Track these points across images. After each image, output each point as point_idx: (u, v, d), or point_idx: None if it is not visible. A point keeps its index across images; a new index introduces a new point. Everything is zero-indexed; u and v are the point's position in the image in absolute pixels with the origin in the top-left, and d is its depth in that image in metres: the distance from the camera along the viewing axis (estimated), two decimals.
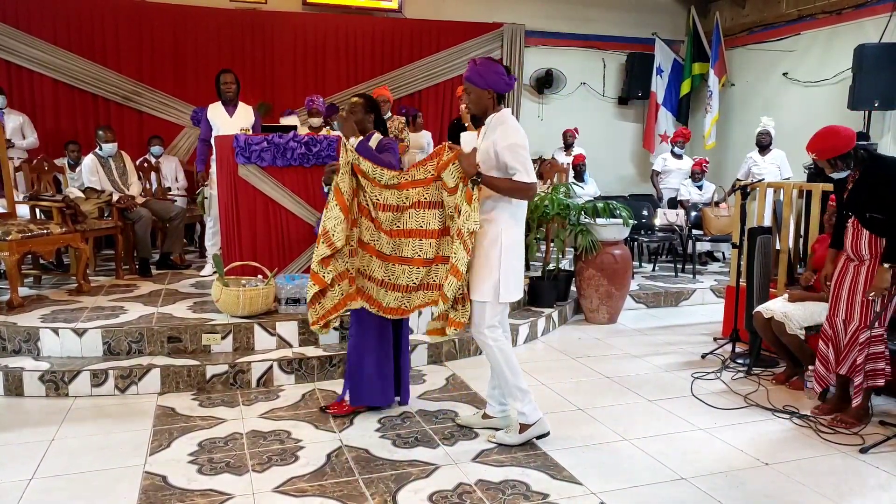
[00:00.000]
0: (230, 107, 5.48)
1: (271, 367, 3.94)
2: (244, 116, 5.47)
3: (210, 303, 4.43)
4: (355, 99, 3.49)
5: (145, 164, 6.83)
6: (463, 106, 6.28)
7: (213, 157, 5.34)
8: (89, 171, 5.78)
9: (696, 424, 3.42)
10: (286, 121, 7.00)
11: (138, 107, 7.66)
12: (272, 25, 8.02)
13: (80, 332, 3.97)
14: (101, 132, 5.90)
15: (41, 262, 5.62)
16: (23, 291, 4.67)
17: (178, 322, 4.15)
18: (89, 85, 7.48)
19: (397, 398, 3.58)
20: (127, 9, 7.53)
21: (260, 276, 4.37)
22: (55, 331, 3.97)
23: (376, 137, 3.46)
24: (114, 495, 2.66)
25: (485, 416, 3.34)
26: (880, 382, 3.37)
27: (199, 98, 7.23)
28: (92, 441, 3.16)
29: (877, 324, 3.32)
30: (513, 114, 3.12)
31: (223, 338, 4.08)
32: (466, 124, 6.14)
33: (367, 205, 3.24)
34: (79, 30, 7.40)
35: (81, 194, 5.65)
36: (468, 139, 3.00)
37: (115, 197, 5.71)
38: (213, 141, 5.32)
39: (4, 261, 4.39)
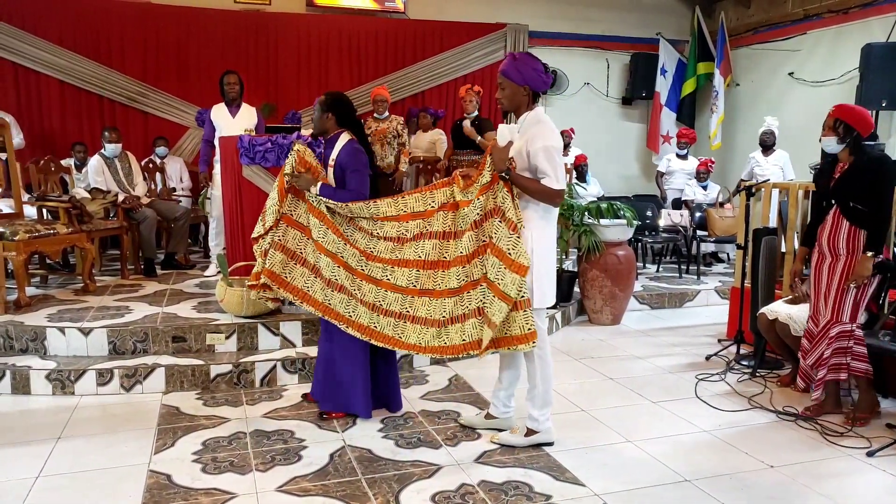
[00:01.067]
0: (233, 108, 5.49)
1: (275, 366, 3.95)
2: (247, 117, 5.49)
3: (214, 303, 4.45)
4: (320, 97, 3.35)
5: (150, 165, 6.86)
6: (471, 102, 6.28)
7: (217, 157, 5.37)
8: (95, 172, 5.81)
9: (700, 426, 3.42)
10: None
11: (143, 108, 7.69)
12: (276, 27, 8.04)
13: (85, 332, 3.99)
14: (105, 133, 5.93)
15: (48, 261, 5.65)
16: (30, 291, 4.70)
17: (183, 322, 4.16)
18: (95, 86, 7.51)
19: (381, 408, 3.50)
20: (132, 10, 7.55)
21: None
22: (61, 330, 4.00)
23: (344, 139, 3.28)
24: (119, 493, 2.68)
25: (488, 417, 3.34)
26: (843, 376, 3.44)
27: (203, 99, 7.25)
28: (97, 440, 3.18)
29: (846, 318, 3.39)
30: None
31: (227, 337, 4.10)
32: (465, 125, 6.13)
33: (348, 232, 3.20)
34: (85, 32, 7.43)
35: (87, 195, 5.68)
36: (505, 132, 2.88)
37: (121, 197, 5.74)
38: (216, 142, 5.35)
39: (12, 260, 4.42)
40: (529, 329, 2.87)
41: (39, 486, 2.74)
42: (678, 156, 7.86)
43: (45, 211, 5.62)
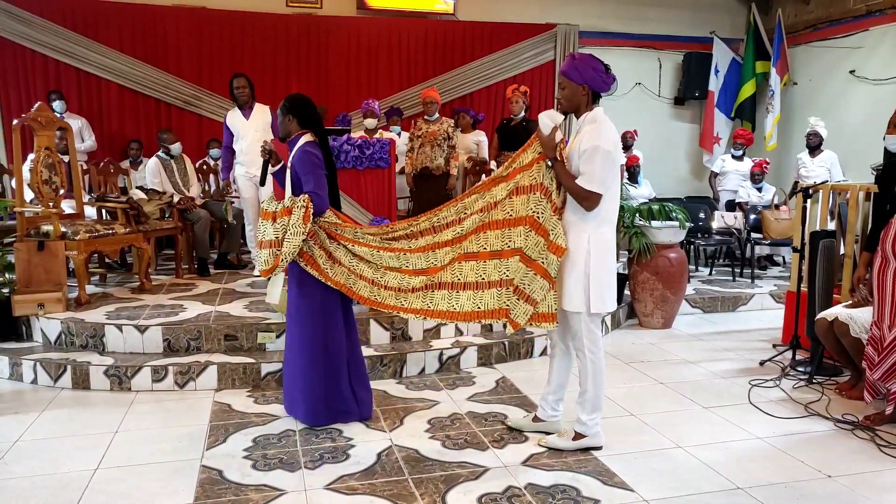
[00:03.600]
0: (246, 110, 5.42)
1: None
2: (260, 117, 5.41)
3: (265, 302, 4.53)
4: (284, 101, 3.31)
5: (204, 167, 7.04)
6: (517, 103, 6.25)
7: (236, 162, 5.45)
8: (152, 174, 6.00)
9: (754, 433, 3.31)
10: (389, 134, 6.85)
11: (198, 110, 7.90)
12: (327, 29, 8.16)
13: (141, 329, 4.12)
14: (165, 135, 6.13)
15: (106, 260, 5.87)
16: (89, 289, 4.88)
17: (235, 321, 4.25)
18: (151, 90, 7.76)
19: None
20: (188, 16, 7.78)
21: None
22: (119, 327, 4.14)
23: (302, 140, 3.23)
24: (172, 487, 2.75)
25: (535, 420, 3.30)
26: None
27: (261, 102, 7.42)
28: (152, 434, 3.27)
29: None
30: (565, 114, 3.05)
31: (278, 336, 4.16)
32: (513, 123, 6.08)
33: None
34: (143, 37, 7.69)
35: (144, 196, 5.86)
36: (546, 120, 2.85)
37: (176, 198, 5.91)
38: (235, 147, 5.42)
39: (73, 259, 4.59)
40: (555, 309, 2.92)
41: (98, 478, 2.83)
42: (734, 156, 7.66)
43: (104, 211, 5.84)
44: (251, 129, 5.34)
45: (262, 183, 3.54)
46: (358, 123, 7.55)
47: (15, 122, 4.74)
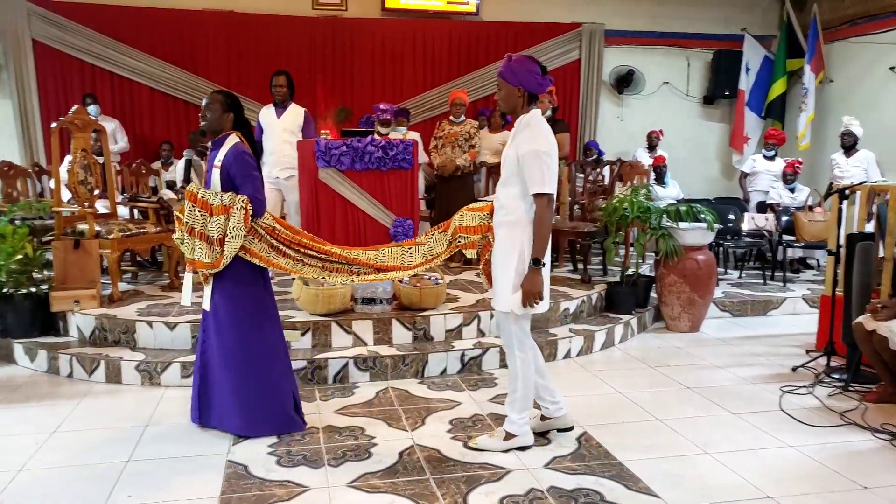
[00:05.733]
0: (280, 108, 5.34)
1: (347, 364, 4.02)
2: (291, 118, 5.32)
3: (291, 300, 4.58)
4: (215, 94, 3.20)
5: None
6: (543, 103, 6.21)
7: (263, 160, 5.30)
8: (182, 174, 6.10)
9: (785, 441, 3.24)
10: (395, 134, 6.85)
11: None
12: (352, 31, 8.22)
13: (171, 326, 4.19)
14: (195, 137, 6.23)
15: (138, 259, 5.98)
16: (122, 286, 4.97)
17: None
18: (182, 92, 7.90)
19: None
20: (217, 20, 7.91)
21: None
22: (149, 324, 4.22)
23: (231, 140, 3.12)
24: (199, 481, 2.80)
25: (543, 419, 3.28)
26: None
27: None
28: (181, 429, 3.33)
29: None
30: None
31: (303, 334, 4.20)
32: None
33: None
34: (173, 41, 7.83)
35: (175, 196, 5.97)
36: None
37: None
38: (263, 145, 5.33)
39: (107, 257, 4.70)
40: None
41: (129, 470, 2.89)
42: (765, 157, 7.52)
43: (136, 211, 5.96)
44: (279, 128, 5.30)
45: (187, 181, 3.37)
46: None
47: (53, 124, 4.86)
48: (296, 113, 5.34)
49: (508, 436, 3.07)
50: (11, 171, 6.04)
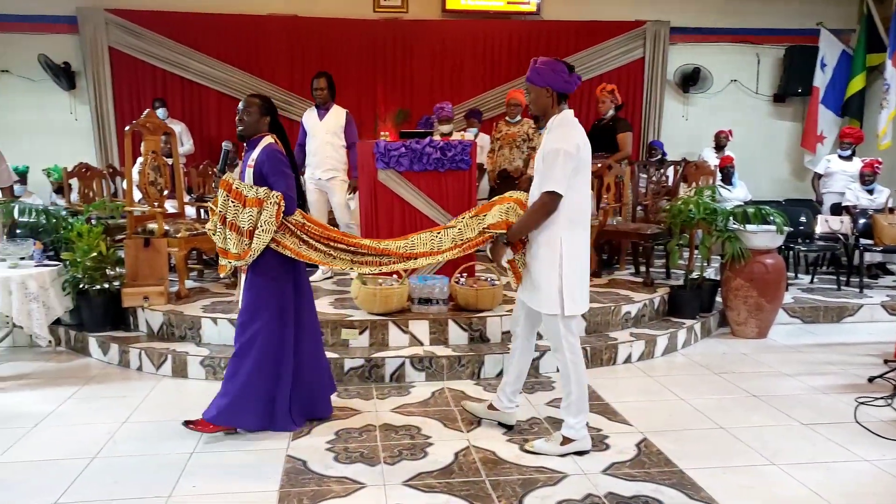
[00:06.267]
0: (322, 110, 5.38)
1: (403, 363, 4.05)
2: (333, 119, 5.35)
3: (349, 299, 4.64)
4: (251, 98, 3.26)
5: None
6: (605, 102, 6.14)
7: (306, 162, 5.43)
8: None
9: (860, 455, 3.07)
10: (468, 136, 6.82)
11: (289, 115, 8.20)
12: (412, 33, 8.29)
13: (234, 323, 4.30)
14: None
15: (204, 257, 6.18)
16: (188, 284, 5.16)
17: (321, 316, 4.35)
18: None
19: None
20: (282, 24, 8.11)
21: (395, 276, 4.50)
22: (214, 320, 4.35)
23: (266, 141, 3.18)
24: (260, 474, 2.86)
25: (490, 408, 3.30)
26: None
27: (342, 106, 7.60)
28: None
29: None
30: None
31: (360, 333, 4.25)
32: (602, 124, 5.93)
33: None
34: (238, 45, 8.09)
35: None
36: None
37: None
38: (307, 146, 5.41)
39: (174, 255, 4.88)
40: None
41: (194, 462, 2.99)
42: (840, 156, 7.17)
43: (202, 211, 6.15)
44: (322, 130, 5.34)
45: (223, 171, 3.32)
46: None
47: (126, 128, 5.08)
48: (338, 114, 5.39)
49: (566, 440, 3.03)
50: (88, 173, 6.34)
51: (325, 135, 5.34)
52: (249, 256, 3.10)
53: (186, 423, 3.23)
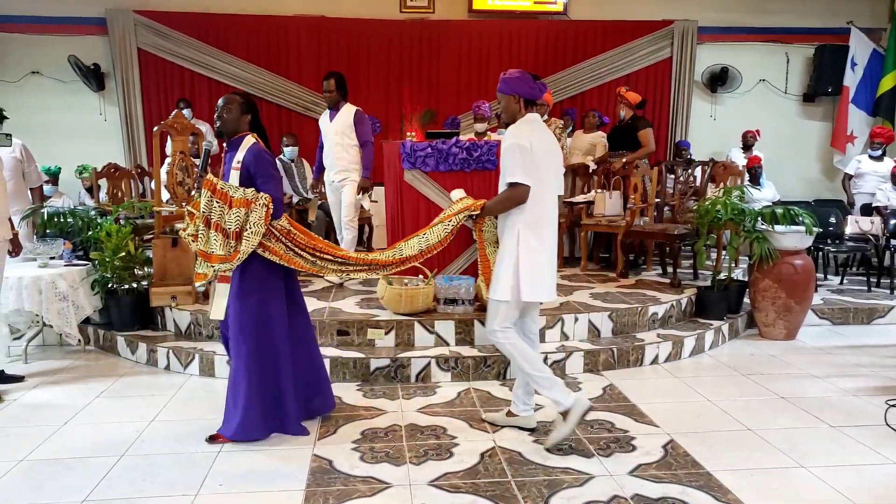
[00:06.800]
0: (332, 111, 5.32)
1: (429, 363, 4.06)
2: (343, 119, 5.26)
3: (375, 299, 4.67)
4: (232, 95, 3.22)
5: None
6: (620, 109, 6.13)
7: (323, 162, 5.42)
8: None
9: (891, 458, 3.02)
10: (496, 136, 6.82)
11: (315, 115, 8.24)
12: (439, 33, 8.30)
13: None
14: (284, 138, 6.49)
15: None
16: None
17: (347, 316, 4.41)
18: (274, 96, 8.22)
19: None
20: (309, 25, 8.17)
21: (421, 276, 4.52)
22: None
23: (249, 141, 3.12)
24: (286, 473, 2.89)
25: (509, 415, 3.35)
26: None
27: (369, 106, 7.64)
28: None
29: None
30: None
31: (386, 333, 4.28)
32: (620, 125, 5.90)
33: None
34: (266, 47, 8.17)
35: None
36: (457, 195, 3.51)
37: (295, 199, 6.20)
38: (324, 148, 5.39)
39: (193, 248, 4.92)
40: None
41: (221, 461, 3.03)
42: (871, 157, 7.05)
43: None
44: (332, 132, 5.30)
45: (205, 171, 3.22)
46: (467, 126, 7.60)
47: (154, 128, 5.16)
48: (346, 113, 5.29)
49: (564, 414, 3.03)
50: (117, 173, 6.45)
51: (334, 136, 5.29)
52: (237, 259, 3.00)
53: (210, 440, 3.21)
